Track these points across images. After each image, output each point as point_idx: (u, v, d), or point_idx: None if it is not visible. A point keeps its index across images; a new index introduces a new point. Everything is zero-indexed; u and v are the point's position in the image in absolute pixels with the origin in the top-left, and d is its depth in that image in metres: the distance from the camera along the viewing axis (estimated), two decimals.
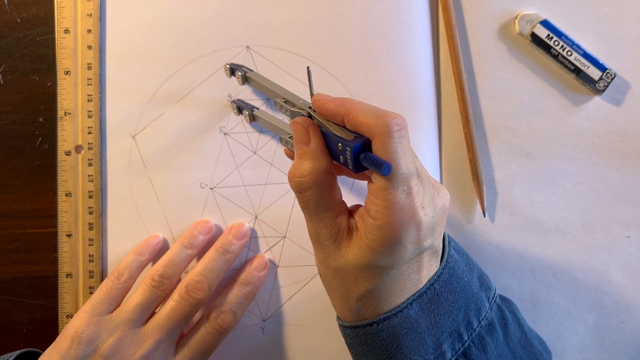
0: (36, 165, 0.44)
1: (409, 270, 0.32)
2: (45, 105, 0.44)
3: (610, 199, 0.47)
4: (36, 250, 0.45)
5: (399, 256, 0.31)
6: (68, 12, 0.43)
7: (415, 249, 0.31)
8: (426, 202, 0.31)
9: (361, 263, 0.32)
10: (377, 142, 0.30)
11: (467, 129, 0.45)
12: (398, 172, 0.30)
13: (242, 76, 0.42)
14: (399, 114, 0.31)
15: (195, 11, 0.44)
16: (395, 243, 0.31)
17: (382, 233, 0.31)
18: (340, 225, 0.33)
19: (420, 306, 0.33)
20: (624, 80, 0.46)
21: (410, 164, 0.30)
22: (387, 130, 0.30)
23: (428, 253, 0.33)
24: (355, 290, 0.33)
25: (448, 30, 0.45)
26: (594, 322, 0.47)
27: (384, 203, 0.30)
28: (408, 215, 0.30)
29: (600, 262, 0.47)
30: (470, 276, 0.37)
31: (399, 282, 0.32)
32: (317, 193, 0.32)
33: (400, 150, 0.30)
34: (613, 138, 0.46)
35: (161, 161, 0.45)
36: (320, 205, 0.33)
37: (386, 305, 0.33)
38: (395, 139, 0.30)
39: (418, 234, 0.31)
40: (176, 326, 0.40)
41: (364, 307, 0.33)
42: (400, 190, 0.30)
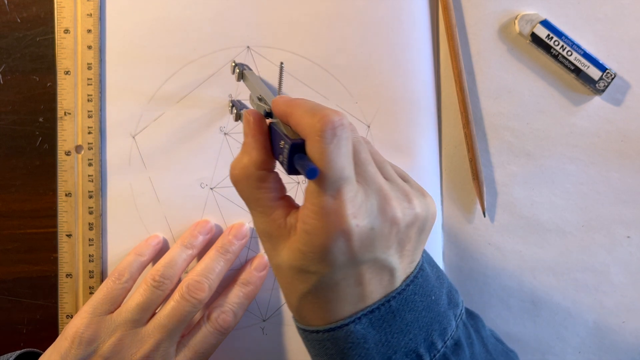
0: (36, 165, 0.44)
1: (346, 282, 0.30)
2: (45, 105, 0.44)
3: (611, 199, 0.47)
4: (36, 250, 0.45)
5: (329, 264, 0.29)
6: (68, 12, 0.43)
7: (349, 260, 0.29)
8: (362, 212, 0.29)
9: (294, 265, 0.30)
10: (308, 141, 0.29)
11: (467, 129, 0.45)
12: (328, 174, 0.28)
13: (239, 73, 0.42)
14: (339, 113, 0.29)
15: (196, 11, 0.44)
16: (322, 250, 0.29)
17: (309, 238, 0.29)
18: (275, 222, 0.31)
19: (371, 322, 0.31)
20: (624, 80, 0.46)
21: (345, 167, 0.28)
22: (317, 129, 0.28)
23: (370, 267, 0.30)
24: (294, 291, 0.32)
25: (448, 30, 0.45)
26: (594, 322, 0.47)
27: (311, 207, 0.29)
28: (335, 222, 0.28)
29: (601, 262, 0.47)
30: (440, 292, 0.34)
31: (334, 291, 0.30)
32: (247, 187, 0.31)
33: (332, 150, 0.28)
34: (613, 138, 0.46)
35: (161, 161, 0.45)
36: (252, 201, 0.32)
37: (327, 312, 0.31)
38: (326, 139, 0.28)
39: (349, 244, 0.29)
40: (177, 326, 0.40)
41: (305, 310, 0.32)
42: (328, 195, 0.28)
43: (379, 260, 0.30)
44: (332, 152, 0.28)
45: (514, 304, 0.47)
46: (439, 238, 0.46)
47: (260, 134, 0.32)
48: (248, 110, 0.33)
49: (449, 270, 0.47)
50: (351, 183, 0.29)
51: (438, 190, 0.46)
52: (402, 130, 0.45)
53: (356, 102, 0.45)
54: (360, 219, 0.29)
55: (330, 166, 0.28)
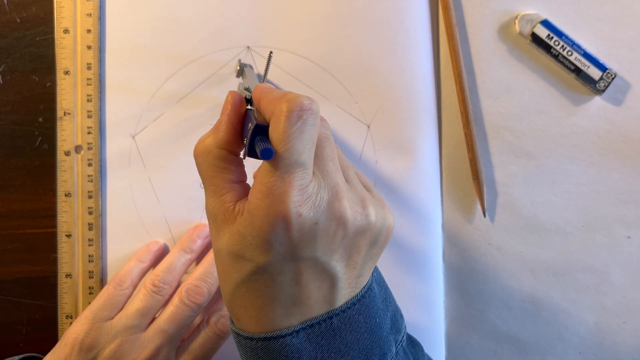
0: (36, 166, 0.44)
1: (281, 278, 0.29)
2: (45, 105, 0.44)
3: (611, 199, 0.46)
4: (36, 250, 0.45)
5: (265, 252, 0.28)
6: (67, 12, 0.43)
7: (286, 251, 0.28)
8: (309, 203, 0.28)
9: (232, 250, 0.29)
10: (272, 122, 0.28)
11: (467, 129, 0.45)
12: (284, 156, 0.27)
13: (239, 70, 0.42)
14: (312, 99, 0.28)
15: (196, 11, 0.44)
16: (261, 234, 0.28)
17: (251, 219, 0.28)
18: (224, 204, 0.30)
19: (308, 337, 0.29)
20: (624, 80, 0.46)
21: (304, 152, 0.27)
22: (283, 109, 0.27)
23: (310, 267, 0.29)
24: (228, 281, 0.30)
25: (448, 30, 0.45)
26: (595, 322, 0.47)
27: (259, 186, 0.28)
28: (278, 205, 0.27)
29: (601, 262, 0.47)
30: (384, 316, 0.33)
31: (267, 287, 0.29)
32: (204, 163, 0.31)
33: (294, 133, 0.27)
34: (613, 138, 0.46)
35: (161, 161, 0.45)
36: (206, 178, 0.31)
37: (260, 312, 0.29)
38: (291, 120, 0.27)
39: (288, 234, 0.27)
40: (176, 331, 0.39)
41: (238, 306, 0.30)
42: (278, 175, 0.27)
43: (319, 262, 0.29)
44: (293, 133, 0.27)
45: (514, 304, 0.47)
46: (439, 238, 0.46)
47: (234, 115, 0.31)
48: (231, 91, 0.32)
49: (449, 270, 0.47)
50: (305, 170, 0.28)
51: (438, 190, 0.46)
52: (402, 130, 0.45)
53: (356, 102, 0.45)
54: (304, 209, 0.27)
55: (287, 147, 0.27)
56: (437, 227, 0.46)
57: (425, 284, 0.46)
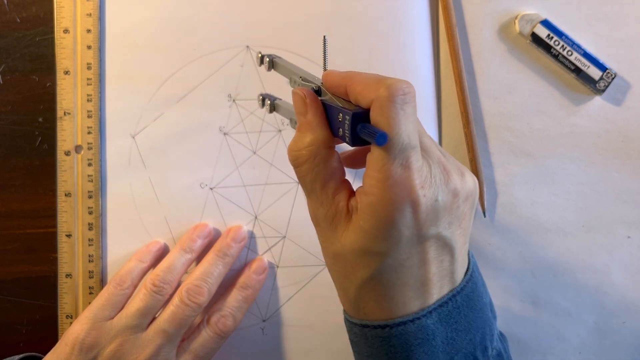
0: (36, 165, 0.44)
1: (410, 262, 0.29)
2: (45, 105, 0.44)
3: (611, 199, 0.46)
4: (36, 250, 0.45)
5: (394, 241, 0.28)
6: (67, 12, 0.43)
7: (413, 234, 0.28)
8: (428, 182, 0.28)
9: (356, 248, 0.29)
10: (375, 108, 0.27)
11: (467, 129, 0.45)
12: (396, 141, 0.27)
13: (270, 62, 0.40)
14: (406, 81, 0.28)
15: (196, 11, 0.44)
16: (388, 224, 0.27)
17: (374, 211, 0.28)
18: (338, 205, 0.30)
19: (440, 317, 0.30)
20: (624, 80, 0.46)
21: (412, 135, 0.27)
22: (386, 94, 0.27)
23: (434, 244, 0.29)
24: (353, 280, 0.30)
25: (448, 30, 0.45)
26: (595, 322, 0.47)
27: (378, 175, 0.27)
28: (403, 192, 0.27)
29: (601, 262, 0.47)
30: (486, 298, 0.33)
31: (397, 274, 0.29)
32: (313, 167, 0.30)
33: (402, 117, 0.27)
34: (613, 138, 0.46)
35: (161, 161, 0.45)
36: (317, 182, 0.30)
37: (390, 302, 0.29)
38: (397, 104, 0.27)
39: (415, 217, 0.28)
40: (177, 331, 0.39)
41: (364, 301, 0.30)
42: (397, 163, 0.27)
43: (442, 237, 0.29)
44: (402, 118, 0.27)
45: (514, 304, 0.47)
46: None
47: (319, 110, 0.31)
48: (297, 88, 0.32)
49: None
50: (417, 152, 0.28)
51: None
52: None
53: None
54: (426, 190, 0.28)
55: (400, 133, 0.27)
56: None
57: None
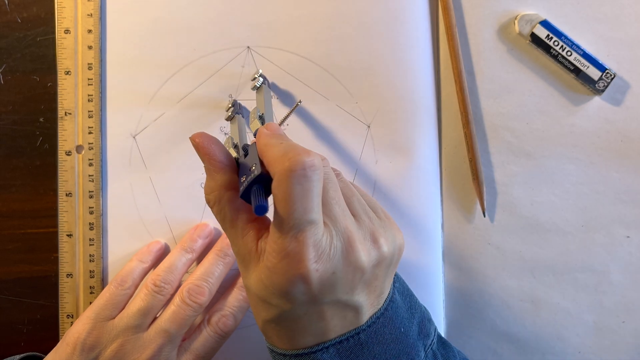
0: (36, 165, 0.45)
1: (307, 317, 0.30)
2: (46, 105, 0.44)
3: (610, 199, 0.47)
4: (36, 250, 0.45)
5: (289, 302, 0.29)
6: (68, 12, 0.44)
7: (309, 300, 0.29)
8: (325, 257, 0.28)
9: (257, 294, 0.30)
10: (275, 181, 0.28)
11: (467, 129, 0.45)
12: (290, 216, 0.27)
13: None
14: (311, 153, 0.28)
15: (196, 12, 0.44)
16: (282, 289, 0.29)
17: (269, 275, 0.29)
18: (247, 246, 0.31)
19: (338, 352, 0.31)
20: (623, 80, 0.46)
21: (310, 209, 0.28)
22: (286, 168, 0.27)
23: (332, 307, 0.30)
24: (258, 315, 0.32)
25: (448, 30, 0.45)
26: (594, 322, 0.47)
27: (273, 245, 0.29)
28: (294, 265, 0.28)
29: (600, 262, 0.47)
30: (410, 324, 0.34)
31: (296, 323, 0.31)
32: (220, 209, 0.32)
33: (299, 192, 0.27)
34: (613, 138, 0.46)
35: (161, 161, 0.45)
36: (226, 221, 0.32)
37: (291, 340, 0.31)
38: (294, 179, 0.27)
39: (307, 288, 0.29)
40: (178, 331, 0.40)
41: (269, 333, 0.32)
42: (290, 236, 0.28)
43: (342, 301, 0.30)
44: (298, 194, 0.27)
45: (514, 304, 0.47)
46: (438, 238, 0.46)
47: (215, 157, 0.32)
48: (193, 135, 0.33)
49: (448, 270, 0.47)
50: (316, 226, 0.28)
51: (438, 190, 0.46)
52: (402, 130, 0.45)
53: (356, 102, 0.45)
54: (320, 264, 0.28)
55: (294, 209, 0.27)
56: (437, 227, 0.46)
57: (425, 284, 0.46)
